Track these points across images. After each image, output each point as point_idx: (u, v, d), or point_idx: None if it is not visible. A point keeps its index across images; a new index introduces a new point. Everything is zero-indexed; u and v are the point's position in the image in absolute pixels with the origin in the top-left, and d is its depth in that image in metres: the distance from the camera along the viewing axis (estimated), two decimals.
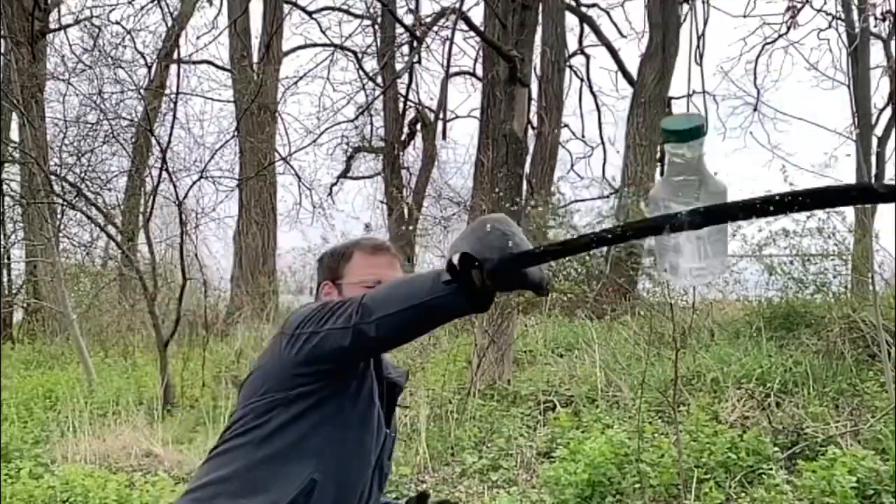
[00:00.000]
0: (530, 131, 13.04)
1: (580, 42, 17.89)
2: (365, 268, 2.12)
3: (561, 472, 5.47)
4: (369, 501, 2.04)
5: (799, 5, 9.12)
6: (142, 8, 15.49)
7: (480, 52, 15.32)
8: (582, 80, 18.43)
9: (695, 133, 1.53)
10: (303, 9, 16.76)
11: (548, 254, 1.50)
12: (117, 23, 15.27)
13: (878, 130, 14.24)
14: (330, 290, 2.14)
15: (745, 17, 13.12)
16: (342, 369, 1.89)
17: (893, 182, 11.98)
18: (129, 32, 15.20)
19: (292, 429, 1.90)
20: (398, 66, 15.79)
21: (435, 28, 12.40)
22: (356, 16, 16.67)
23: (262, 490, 1.88)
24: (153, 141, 12.23)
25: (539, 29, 12.06)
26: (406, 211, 15.76)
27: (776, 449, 5.67)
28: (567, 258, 12.73)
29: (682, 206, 1.46)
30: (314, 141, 16.21)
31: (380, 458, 2.05)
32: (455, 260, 1.54)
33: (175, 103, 11.69)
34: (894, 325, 6.79)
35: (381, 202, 17.09)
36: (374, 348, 1.80)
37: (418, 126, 17.30)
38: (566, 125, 16.86)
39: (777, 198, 1.21)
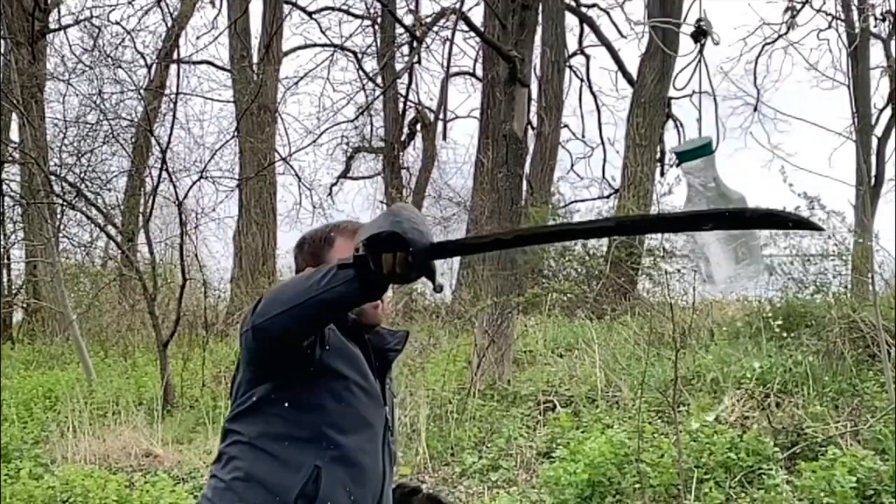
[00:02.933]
0: (530, 131, 13.04)
1: (580, 42, 17.88)
2: (349, 251, 2.11)
3: (561, 472, 5.47)
4: (385, 478, 2.02)
5: (798, 5, 9.13)
6: (142, 8, 15.50)
7: (480, 53, 15.34)
8: (582, 80, 18.42)
9: (705, 150, 1.65)
10: (303, 9, 16.76)
11: (474, 246, 1.51)
12: (117, 23, 15.25)
13: (878, 130, 14.22)
14: None
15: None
16: (293, 357, 1.87)
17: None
18: (129, 33, 15.18)
19: (279, 423, 1.90)
20: (398, 67, 15.79)
21: (435, 28, 12.41)
22: (356, 16, 16.67)
23: (264, 490, 1.87)
24: (153, 141, 12.23)
25: (539, 29, 12.06)
26: None
27: (776, 449, 5.66)
28: (567, 258, 12.74)
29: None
30: (314, 141, 16.22)
31: (385, 432, 2.03)
32: (361, 245, 1.56)
33: (175, 103, 11.71)
34: (894, 325, 6.79)
35: (381, 202, 17.09)
36: (277, 345, 1.82)
37: (418, 126, 17.30)
38: (566, 125, 16.85)
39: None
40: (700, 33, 1.98)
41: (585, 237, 1.35)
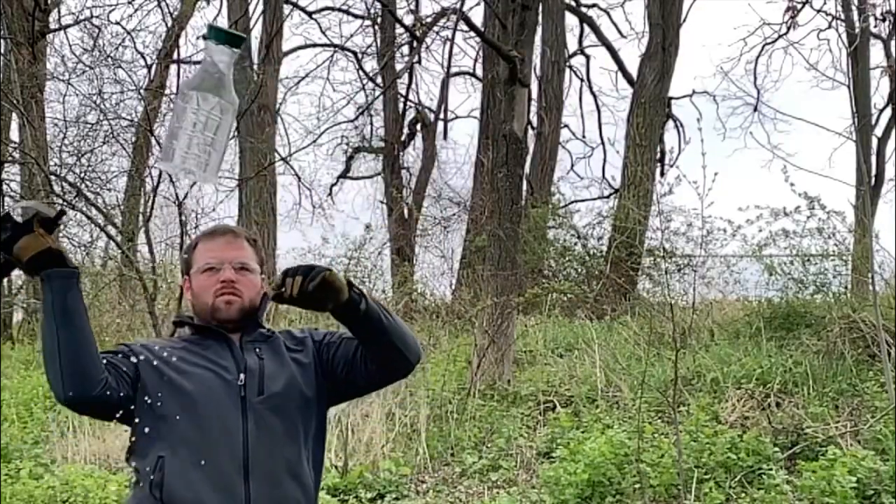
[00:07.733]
0: (530, 131, 13.05)
1: (580, 42, 17.88)
2: (205, 252, 2.22)
3: (561, 472, 5.47)
4: (247, 437, 2.06)
5: (798, 5, 9.12)
6: (141, 7, 15.49)
7: (480, 53, 15.34)
8: (582, 80, 18.43)
9: (236, 41, 1.79)
10: (303, 9, 16.75)
11: None
12: (117, 23, 15.24)
13: (878, 130, 14.23)
14: (187, 284, 2.26)
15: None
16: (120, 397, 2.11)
17: None
18: (129, 33, 15.17)
19: (137, 440, 2.10)
20: (398, 67, 15.78)
21: (435, 28, 12.39)
22: (356, 16, 16.67)
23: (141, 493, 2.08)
24: (153, 141, 12.22)
25: (539, 29, 12.07)
26: (406, 211, 15.75)
27: (776, 449, 5.67)
28: (567, 258, 12.74)
29: (200, 98, 1.74)
30: (314, 141, 16.17)
31: (243, 395, 2.09)
32: None
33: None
34: (894, 325, 6.79)
35: (381, 202, 17.08)
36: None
37: (418, 126, 17.29)
38: (566, 125, 16.85)
39: None
40: None
41: None
